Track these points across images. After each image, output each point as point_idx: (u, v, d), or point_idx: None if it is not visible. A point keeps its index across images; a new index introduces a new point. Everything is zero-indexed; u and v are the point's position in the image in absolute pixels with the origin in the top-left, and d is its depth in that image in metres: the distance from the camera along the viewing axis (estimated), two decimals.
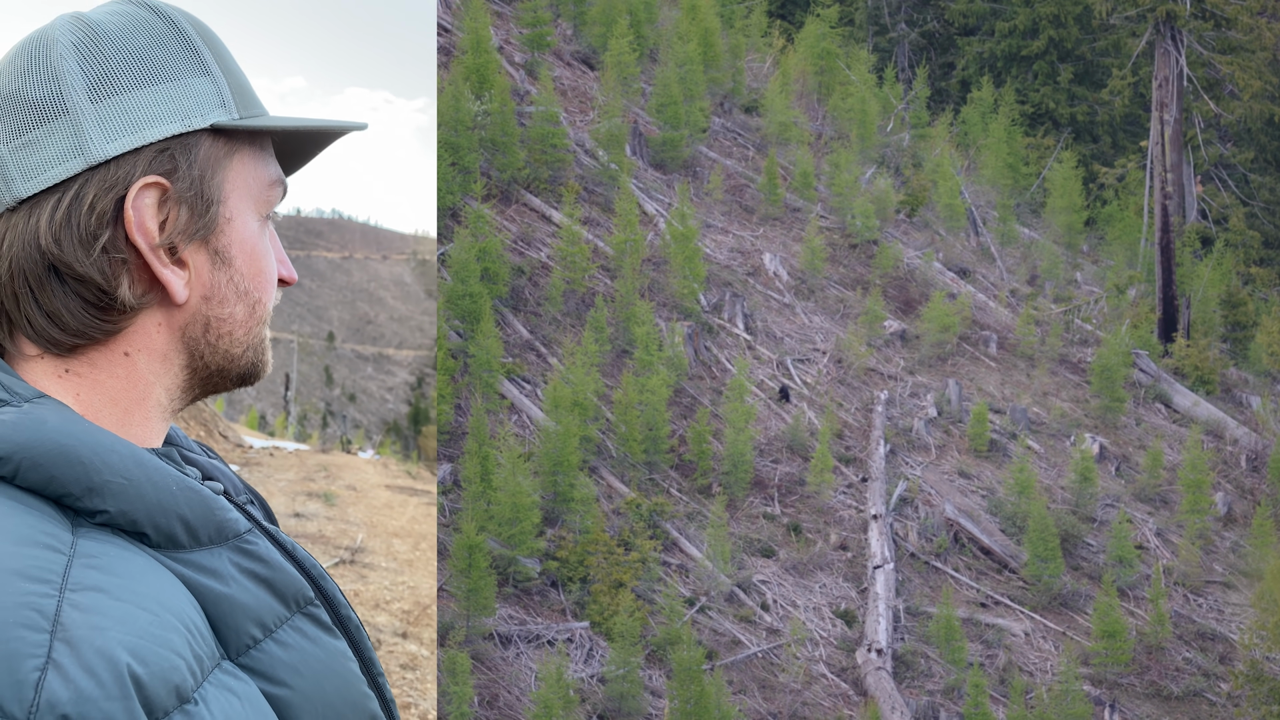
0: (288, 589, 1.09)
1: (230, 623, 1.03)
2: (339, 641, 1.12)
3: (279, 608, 1.07)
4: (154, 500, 1.02)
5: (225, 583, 1.04)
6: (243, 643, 1.03)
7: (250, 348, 1.21)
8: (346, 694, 1.10)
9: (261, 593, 1.06)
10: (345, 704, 1.10)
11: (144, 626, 0.92)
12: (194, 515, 1.04)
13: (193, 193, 1.12)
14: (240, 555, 1.07)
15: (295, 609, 1.09)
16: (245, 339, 1.19)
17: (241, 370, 1.21)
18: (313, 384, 69.28)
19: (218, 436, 21.54)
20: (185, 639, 0.95)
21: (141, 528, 1.01)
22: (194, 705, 0.93)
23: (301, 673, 1.06)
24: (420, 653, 8.97)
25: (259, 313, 1.20)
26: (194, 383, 1.19)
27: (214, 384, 1.21)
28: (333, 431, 46.93)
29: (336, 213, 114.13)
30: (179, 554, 1.03)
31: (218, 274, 1.15)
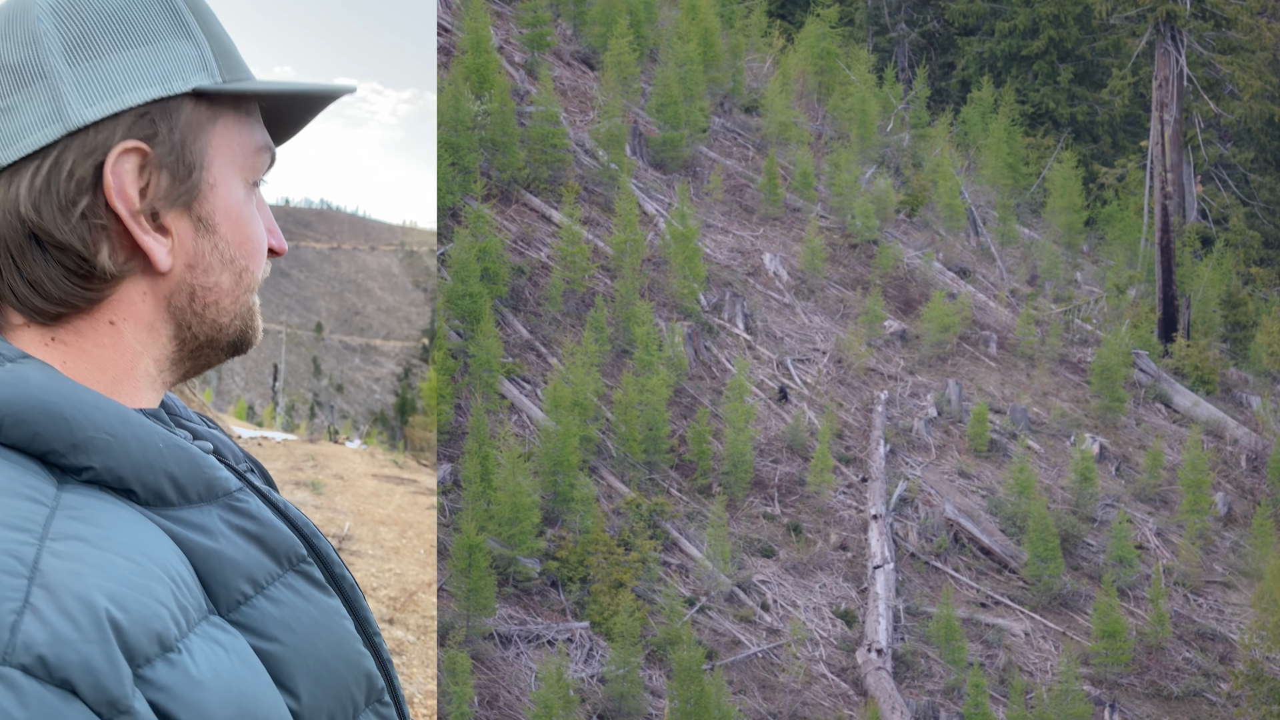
0: (279, 546, 1.08)
1: (220, 578, 1.02)
2: (333, 599, 1.11)
3: (270, 564, 1.07)
4: (140, 457, 1.02)
5: (215, 539, 1.03)
6: (233, 598, 1.02)
7: (238, 316, 1.19)
8: (340, 651, 1.09)
9: (252, 549, 1.06)
10: (339, 660, 1.09)
11: (125, 574, 0.91)
12: (182, 472, 1.04)
13: (174, 158, 1.09)
14: (230, 513, 1.07)
15: (288, 566, 1.08)
16: (232, 308, 1.18)
17: (230, 339, 1.20)
18: (300, 374, 69.28)
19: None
20: (169, 589, 0.94)
21: (128, 484, 1.01)
22: (178, 654, 0.91)
23: (294, 629, 1.05)
24: (407, 638, 9.01)
25: (246, 281, 1.18)
26: (183, 354, 1.17)
27: (205, 356, 1.19)
28: (320, 422, 46.97)
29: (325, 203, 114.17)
30: (168, 511, 1.03)
31: (201, 241, 1.13)
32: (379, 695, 1.13)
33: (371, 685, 1.12)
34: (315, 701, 1.05)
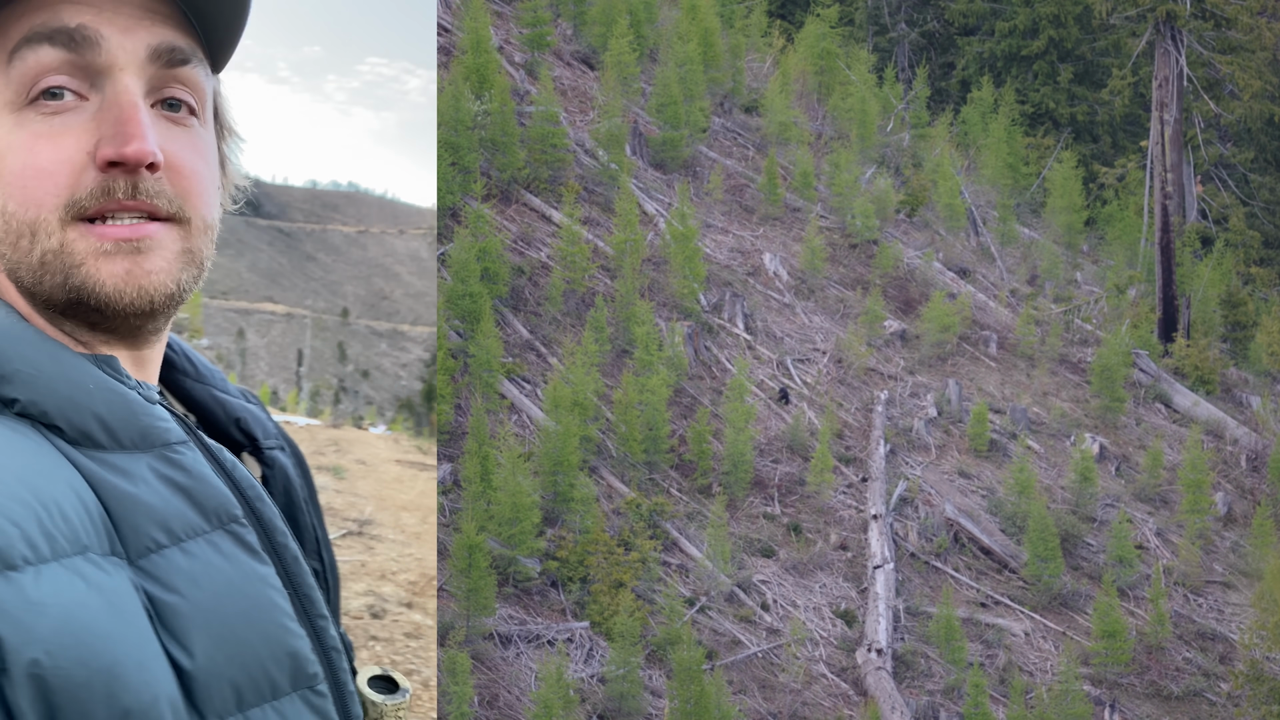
0: (209, 503, 1.06)
1: (131, 522, 1.00)
2: (263, 567, 1.07)
3: (195, 518, 1.04)
4: (65, 394, 1.02)
5: (134, 484, 1.02)
6: (143, 544, 1.00)
7: (34, 269, 1.06)
8: (256, 619, 1.04)
9: (176, 500, 1.04)
10: (252, 629, 1.04)
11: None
12: (112, 416, 1.03)
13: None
14: (163, 463, 1.05)
15: (217, 524, 1.06)
16: (14, 257, 1.06)
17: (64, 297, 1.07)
18: (326, 360, 69.10)
19: None
20: (33, 515, 0.93)
21: (53, 420, 1.01)
22: (18, 573, 0.90)
23: (200, 585, 1.01)
24: (424, 622, 9.06)
25: (14, 225, 1.05)
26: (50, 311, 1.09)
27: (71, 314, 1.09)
28: (345, 407, 46.89)
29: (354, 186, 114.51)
30: (97, 453, 1.02)
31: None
32: (310, 682, 1.08)
33: (299, 667, 1.07)
34: (214, 664, 1.00)
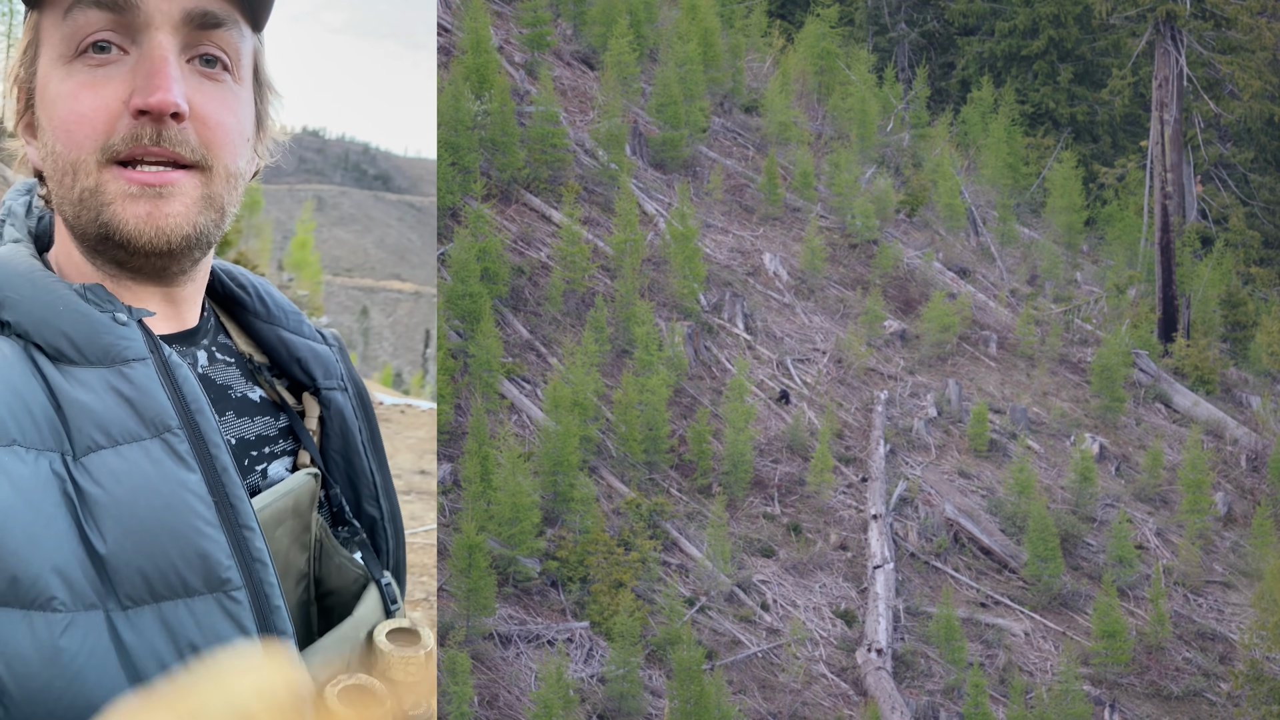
0: (148, 413, 1.18)
1: (77, 424, 1.15)
2: (187, 474, 1.17)
3: (134, 425, 1.17)
4: (39, 315, 1.18)
5: (86, 392, 1.16)
6: (85, 444, 1.14)
7: (74, 204, 1.20)
8: (167, 519, 1.14)
9: (119, 408, 1.17)
10: (162, 527, 1.13)
11: None
12: (78, 334, 1.18)
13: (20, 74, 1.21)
14: (116, 376, 1.18)
15: (153, 433, 1.17)
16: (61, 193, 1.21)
17: (94, 232, 1.21)
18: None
19: None
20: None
21: (31, 337, 1.18)
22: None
23: (122, 482, 1.13)
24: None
25: (60, 165, 1.19)
26: (85, 247, 1.25)
27: (105, 251, 1.23)
28: None
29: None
30: (67, 367, 1.18)
31: (41, 139, 1.22)
32: (223, 586, 1.14)
33: (210, 570, 1.14)
34: (123, 552, 1.11)
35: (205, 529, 1.15)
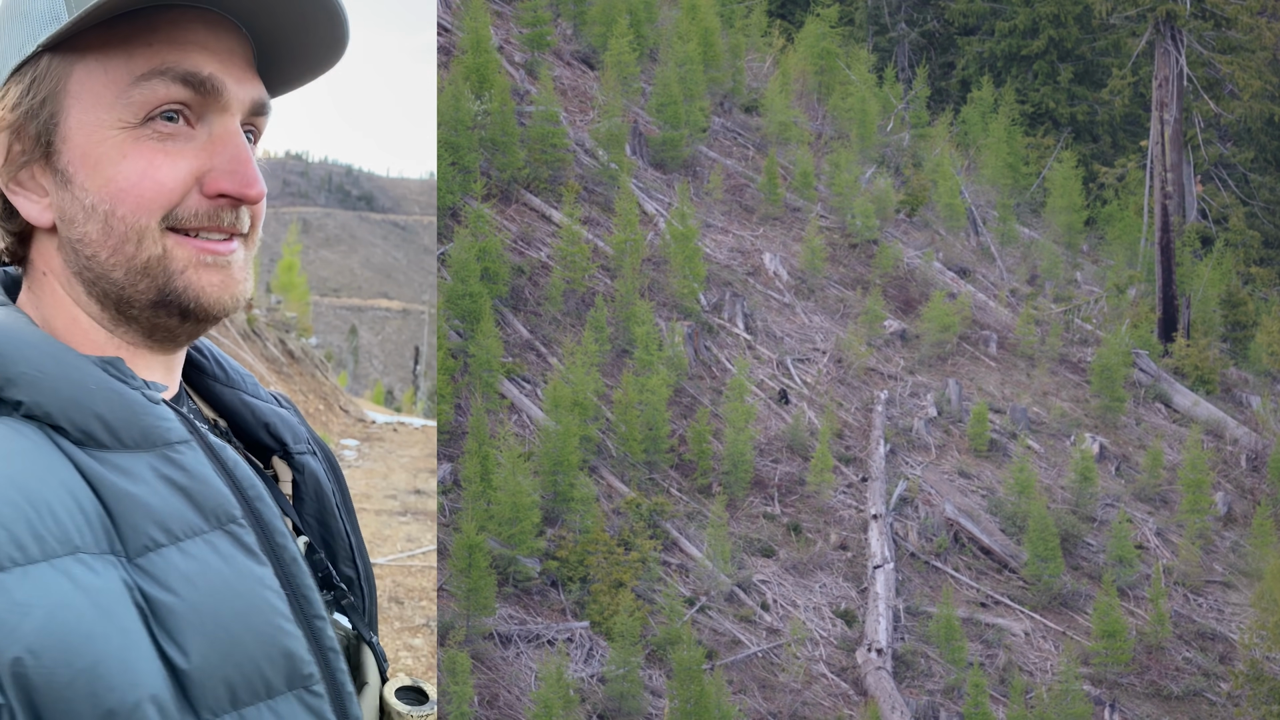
0: (208, 503, 1.09)
1: (130, 520, 1.03)
2: (260, 568, 1.10)
3: (194, 518, 1.07)
4: (67, 395, 1.06)
5: (134, 483, 1.05)
6: (141, 543, 1.03)
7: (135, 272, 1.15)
8: (251, 620, 1.07)
9: (175, 500, 1.07)
10: (247, 630, 1.06)
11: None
12: (113, 416, 1.08)
13: (23, 119, 1.13)
14: (164, 462, 1.09)
15: (215, 525, 1.09)
16: (113, 260, 1.14)
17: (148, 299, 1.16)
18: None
19: (338, 410, 20.85)
20: (23, 516, 0.97)
21: (55, 420, 1.05)
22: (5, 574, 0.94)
23: (197, 585, 1.04)
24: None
25: (120, 229, 1.13)
26: (117, 314, 1.18)
27: (141, 317, 1.18)
28: None
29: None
30: (99, 452, 1.06)
31: (63, 195, 1.14)
32: (305, 682, 1.10)
33: (293, 667, 1.09)
34: (208, 664, 1.02)
35: (286, 626, 1.09)
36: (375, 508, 12.99)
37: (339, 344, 58.06)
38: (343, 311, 65.80)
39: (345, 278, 70.02)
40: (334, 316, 63.65)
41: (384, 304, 68.58)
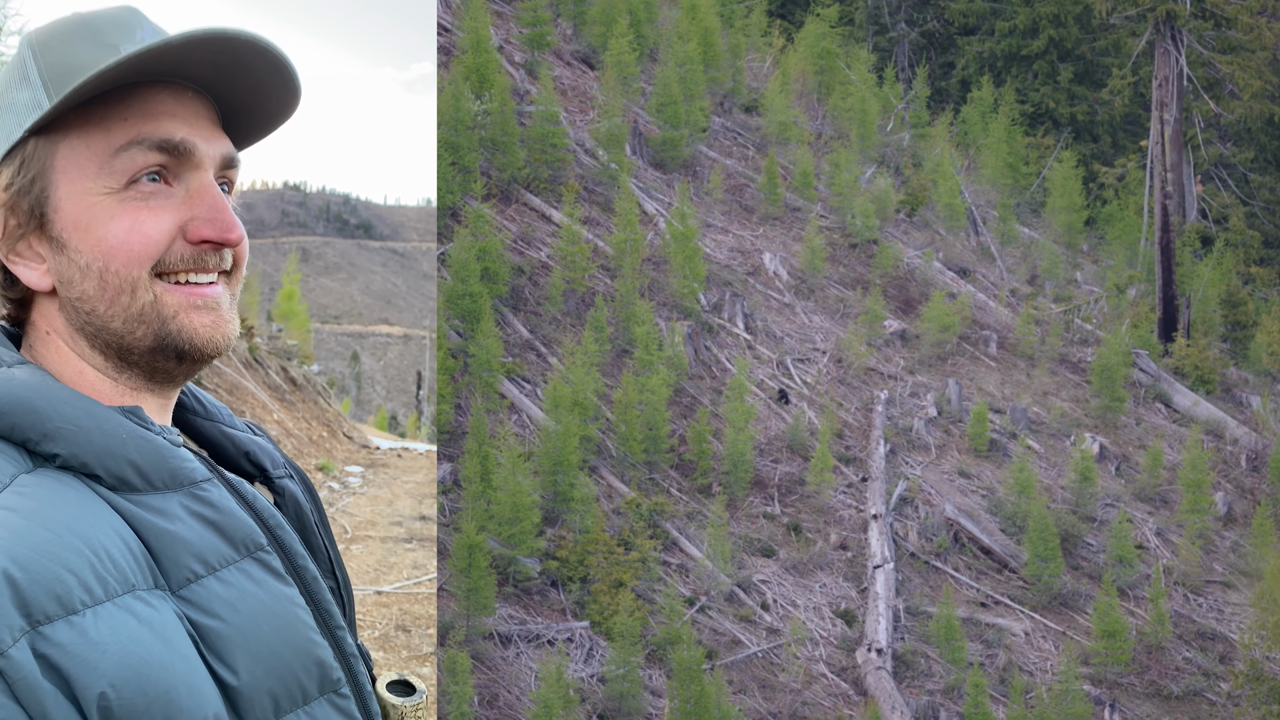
0: (237, 534, 1.21)
1: (171, 556, 1.14)
2: (289, 588, 1.22)
3: (226, 549, 1.19)
4: (102, 445, 1.16)
5: (171, 521, 1.16)
6: (183, 576, 1.14)
7: (130, 319, 1.26)
8: (287, 636, 1.19)
9: (208, 534, 1.18)
10: (285, 645, 1.18)
11: (37, 543, 1.05)
12: (144, 461, 1.18)
13: (16, 197, 1.26)
14: (193, 500, 1.20)
15: (245, 553, 1.21)
16: (111, 311, 1.26)
17: (146, 345, 1.28)
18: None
19: (341, 437, 20.82)
20: (87, 561, 1.06)
21: (92, 469, 1.15)
22: (79, 616, 1.04)
23: (239, 609, 1.16)
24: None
25: (113, 282, 1.25)
26: (120, 362, 1.30)
27: (144, 363, 1.30)
28: None
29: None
30: (133, 495, 1.16)
31: (59, 259, 1.26)
32: (335, 686, 1.23)
33: (325, 674, 1.22)
34: (255, 679, 1.14)
35: (315, 638, 1.22)
36: (381, 534, 12.91)
37: (341, 370, 58.17)
38: (344, 338, 66.00)
39: (346, 305, 70.23)
40: (336, 343, 63.77)
41: (385, 330, 68.69)
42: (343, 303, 67.70)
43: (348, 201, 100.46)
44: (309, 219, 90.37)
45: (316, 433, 19.63)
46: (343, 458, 19.24)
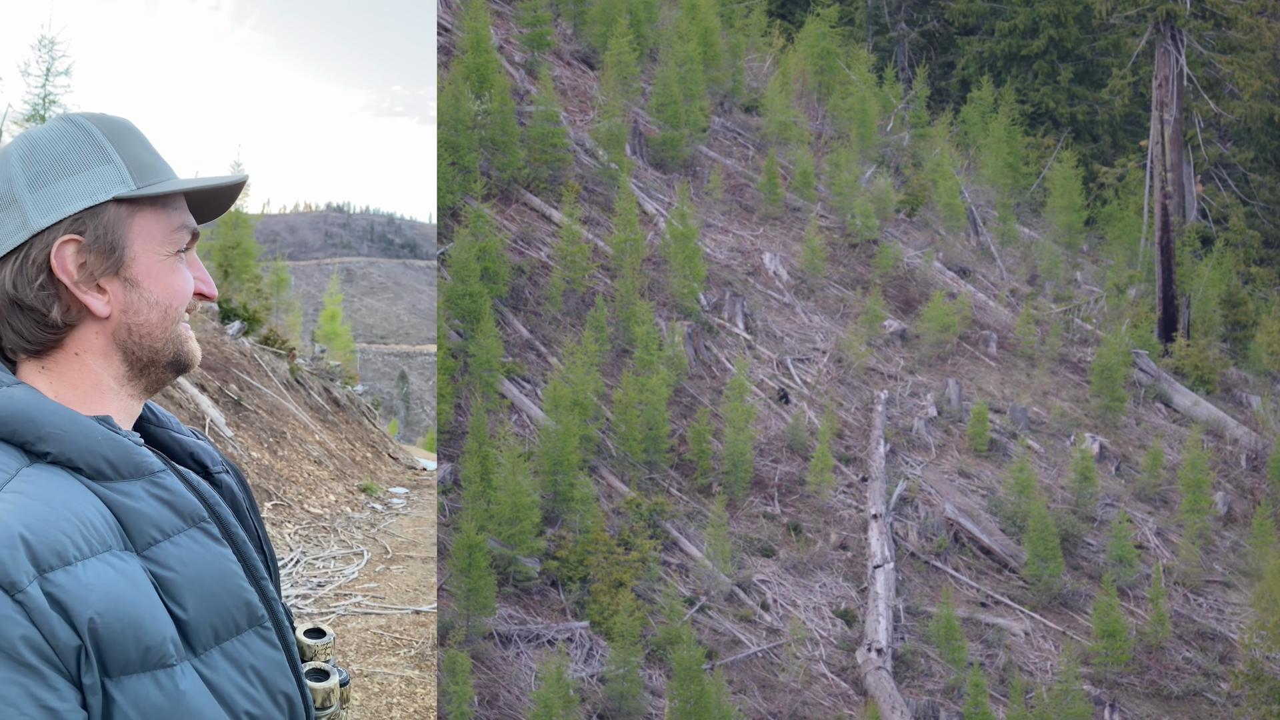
0: (185, 510, 1.61)
1: (137, 526, 1.54)
2: (224, 549, 1.63)
3: (177, 521, 1.59)
4: (83, 444, 1.55)
5: (136, 501, 1.56)
6: (145, 540, 1.54)
7: (169, 342, 1.72)
8: (224, 583, 1.60)
9: (164, 510, 1.58)
10: (222, 590, 1.59)
11: (41, 514, 1.44)
12: (115, 456, 1.57)
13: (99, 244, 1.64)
14: (152, 485, 1.60)
15: (191, 524, 1.61)
16: (163, 335, 1.72)
17: (168, 359, 1.74)
18: None
19: (386, 458, 20.98)
20: (77, 528, 1.45)
21: (75, 463, 1.54)
22: (73, 566, 1.42)
23: (187, 564, 1.56)
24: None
25: (171, 315, 1.72)
26: (134, 372, 1.71)
27: (153, 374, 1.73)
28: None
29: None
30: (107, 483, 1.55)
31: (130, 294, 1.68)
32: (259, 621, 1.64)
33: (252, 612, 1.63)
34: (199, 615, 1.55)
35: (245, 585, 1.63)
36: (422, 555, 12.92)
37: (389, 391, 58.62)
38: (391, 358, 66.38)
39: (392, 325, 70.61)
40: (383, 364, 64.06)
41: (432, 349, 68.60)
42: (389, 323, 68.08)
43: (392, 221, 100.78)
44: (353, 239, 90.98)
45: (360, 453, 19.65)
46: (387, 479, 19.20)
